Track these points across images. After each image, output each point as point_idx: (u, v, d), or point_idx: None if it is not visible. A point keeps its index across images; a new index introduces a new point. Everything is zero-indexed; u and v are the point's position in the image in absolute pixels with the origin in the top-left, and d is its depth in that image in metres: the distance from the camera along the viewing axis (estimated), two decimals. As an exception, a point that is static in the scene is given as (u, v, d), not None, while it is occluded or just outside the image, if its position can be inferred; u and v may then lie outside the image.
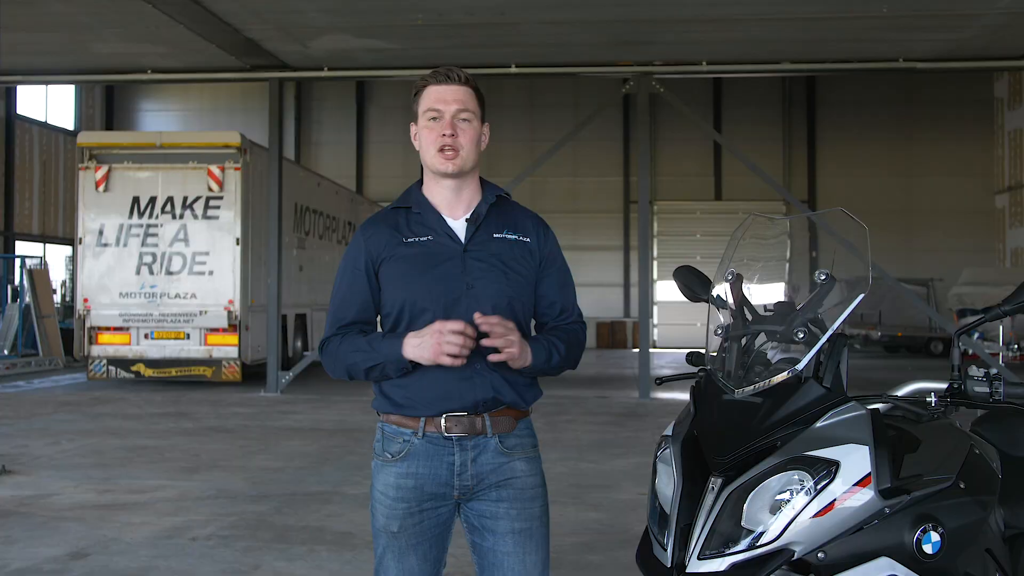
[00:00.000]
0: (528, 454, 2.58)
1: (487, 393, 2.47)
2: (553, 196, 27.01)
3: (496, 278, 2.50)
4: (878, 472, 2.01)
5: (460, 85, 2.53)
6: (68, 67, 14.73)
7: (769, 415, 2.13)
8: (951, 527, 2.04)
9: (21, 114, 24.01)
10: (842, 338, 2.22)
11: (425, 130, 2.52)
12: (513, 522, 2.52)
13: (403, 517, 2.50)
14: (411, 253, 2.50)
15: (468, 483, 2.51)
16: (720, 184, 26.97)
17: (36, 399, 13.40)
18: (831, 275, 2.22)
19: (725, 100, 26.76)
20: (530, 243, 2.59)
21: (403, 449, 2.52)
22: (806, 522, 1.99)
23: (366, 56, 13.56)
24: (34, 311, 18.45)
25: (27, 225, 24.24)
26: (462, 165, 2.52)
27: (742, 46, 13.34)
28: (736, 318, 2.32)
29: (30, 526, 6.16)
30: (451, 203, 2.57)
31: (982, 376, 2.25)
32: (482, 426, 2.49)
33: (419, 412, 2.49)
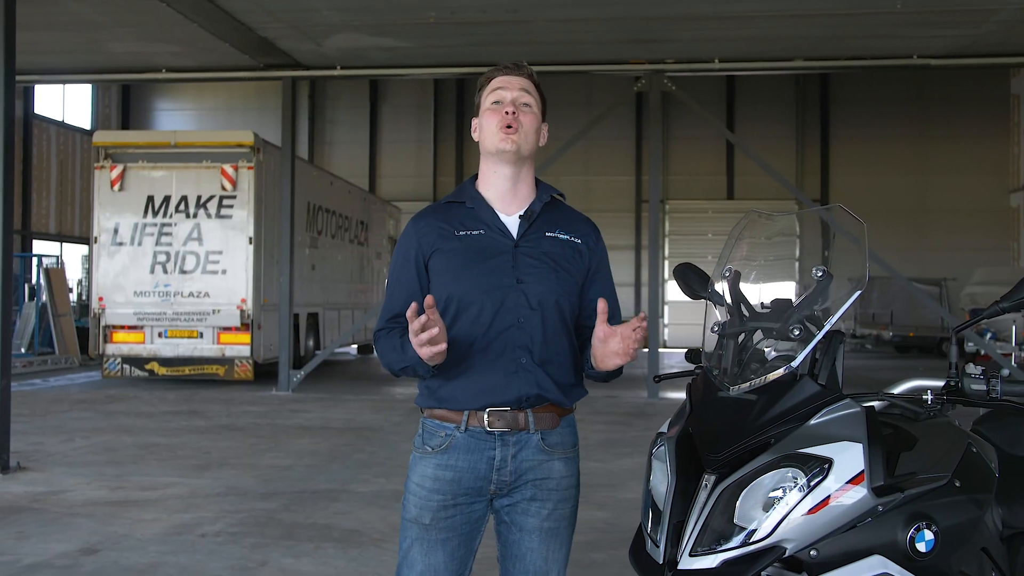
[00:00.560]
0: (567, 454, 2.57)
1: (531, 389, 2.47)
2: (566, 194, 26.94)
3: (546, 275, 2.49)
4: (871, 470, 2.00)
5: (525, 77, 2.58)
6: (84, 66, 14.82)
7: (763, 412, 2.13)
8: (945, 525, 2.03)
9: (39, 114, 24.18)
10: (838, 335, 2.21)
11: (488, 112, 2.54)
12: (543, 521, 2.53)
13: (436, 509, 2.50)
14: (462, 246, 2.50)
15: (506, 478, 2.50)
16: (732, 183, 26.89)
17: (51, 397, 13.50)
18: (828, 271, 2.21)
19: (738, 98, 26.68)
20: (581, 245, 2.59)
21: (444, 442, 2.51)
22: (798, 519, 1.99)
23: (379, 55, 13.58)
24: (50, 310, 18.59)
25: (44, 224, 24.42)
26: (520, 143, 2.50)
27: (755, 43, 13.29)
28: (733, 315, 2.31)
29: (43, 522, 6.21)
30: (505, 198, 2.56)
31: (979, 374, 2.24)
32: (525, 422, 2.48)
33: (462, 406, 2.49)
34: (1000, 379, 2.24)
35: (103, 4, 11.31)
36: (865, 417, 2.08)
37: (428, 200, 27.69)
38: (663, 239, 27.17)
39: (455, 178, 27.71)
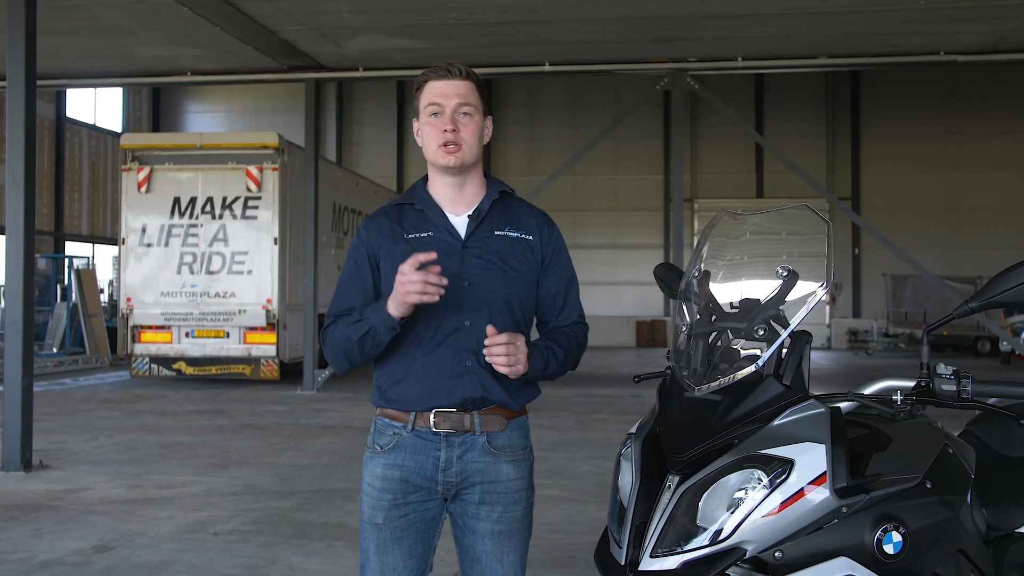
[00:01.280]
0: (516, 456, 2.57)
1: (475, 391, 2.47)
2: (593, 194, 26.97)
3: (494, 276, 2.49)
4: (834, 471, 1.98)
5: (461, 79, 2.51)
6: (111, 70, 15.00)
7: (727, 413, 2.11)
8: (914, 527, 2.00)
9: (71, 117, 24.54)
10: (804, 335, 2.18)
11: (427, 126, 2.52)
12: (494, 524, 2.53)
13: (388, 509, 2.51)
14: (410, 249, 2.49)
15: (452, 479, 2.51)
16: (762, 181, 26.70)
17: (80, 396, 13.68)
18: (793, 270, 2.19)
19: (767, 95, 26.49)
20: (532, 241, 2.57)
21: (392, 441, 2.53)
22: (758, 521, 1.97)
23: (401, 56, 13.63)
24: (81, 310, 18.86)
25: (76, 226, 24.77)
26: (464, 159, 2.50)
27: (778, 41, 13.19)
28: (702, 315, 2.29)
29: (60, 519, 6.29)
30: (454, 199, 2.56)
31: (950, 374, 2.21)
32: (470, 423, 2.49)
33: (409, 407, 2.50)
34: (971, 380, 2.20)
35: (128, 9, 11.44)
36: (829, 418, 2.06)
37: (456, 200, 27.70)
38: (692, 238, 27.06)
39: (482, 178, 27.71)
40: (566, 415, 11.42)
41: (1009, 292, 2.15)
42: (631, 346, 26.53)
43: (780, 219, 2.37)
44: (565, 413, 11.59)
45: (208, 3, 10.95)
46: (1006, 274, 2.18)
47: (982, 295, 2.20)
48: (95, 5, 11.34)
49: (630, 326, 26.82)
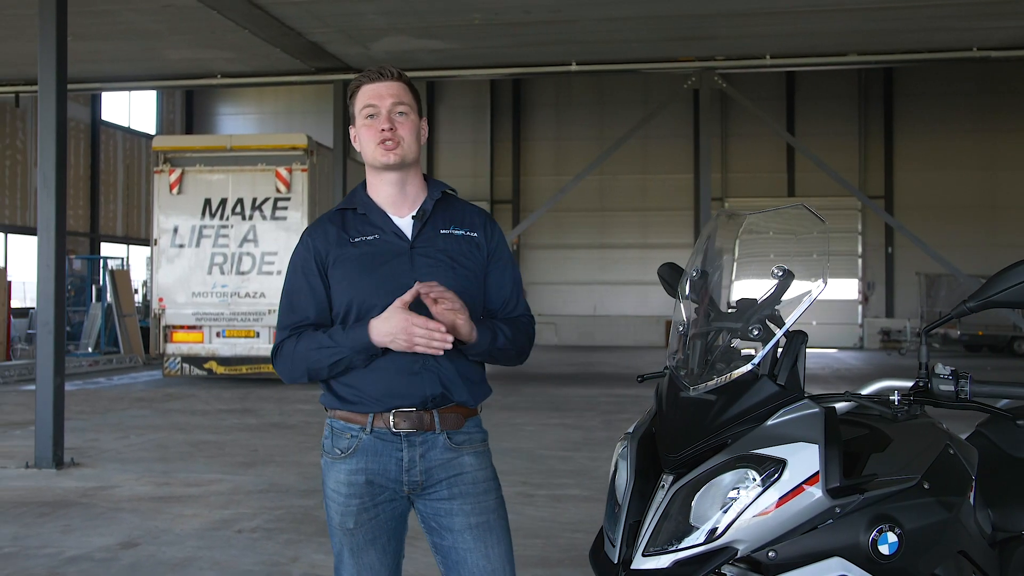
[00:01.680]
0: (477, 448, 2.57)
1: (435, 389, 2.48)
2: (622, 193, 26.91)
3: (444, 273, 2.48)
4: (827, 471, 1.97)
5: (393, 80, 2.52)
6: (143, 73, 15.23)
7: (721, 412, 2.11)
8: (910, 528, 1.99)
9: (106, 120, 24.88)
10: (799, 335, 2.18)
11: (364, 128, 2.52)
12: (468, 517, 2.51)
13: (357, 513, 2.51)
14: (358, 253, 2.51)
15: (417, 479, 2.50)
16: (793, 180, 26.49)
17: (113, 395, 13.87)
18: (788, 270, 2.19)
19: (799, 94, 26.28)
20: (477, 237, 2.59)
21: (351, 445, 2.51)
22: (750, 520, 1.97)
23: (427, 57, 13.70)
24: (115, 310, 19.12)
25: (111, 227, 25.12)
26: (403, 155, 2.50)
27: (806, 38, 13.11)
28: (700, 315, 2.30)
29: (89, 516, 6.40)
30: (396, 201, 2.56)
31: (948, 375, 2.19)
32: (430, 422, 2.49)
33: (367, 408, 2.48)
34: (969, 380, 2.19)
35: (158, 13, 11.60)
36: (823, 418, 2.05)
37: (486, 200, 27.80)
38: (722, 237, 26.91)
39: (512, 177, 27.80)
40: (592, 415, 11.43)
41: (1007, 291, 2.14)
42: (660, 346, 26.41)
43: (777, 219, 2.37)
44: (591, 413, 11.59)
45: (236, 6, 11.07)
46: (1005, 273, 2.16)
47: (980, 294, 2.19)
48: (126, 10, 11.51)
49: (659, 326, 26.72)
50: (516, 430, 10.13)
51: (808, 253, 2.24)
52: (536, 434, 9.98)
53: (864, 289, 25.99)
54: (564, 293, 27.08)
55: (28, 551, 5.55)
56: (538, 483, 7.38)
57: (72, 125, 23.55)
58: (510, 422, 10.65)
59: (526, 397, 13.22)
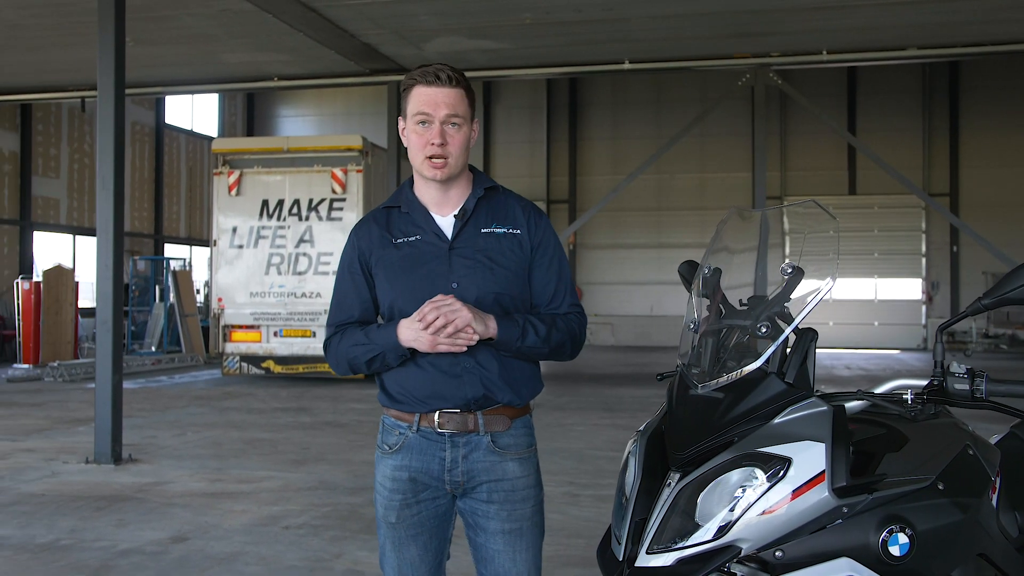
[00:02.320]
0: (521, 455, 2.57)
1: (477, 391, 2.48)
2: (680, 192, 26.69)
3: (482, 274, 2.47)
4: (833, 470, 1.94)
5: (451, 87, 2.45)
6: (202, 77, 15.52)
7: (729, 410, 2.08)
8: (923, 529, 1.94)
9: (169, 123, 25.42)
10: (809, 332, 2.14)
11: (414, 134, 2.48)
12: (503, 523, 2.53)
13: (400, 508, 2.55)
14: (399, 254, 2.52)
15: (459, 479, 2.52)
16: (855, 177, 25.99)
17: (173, 393, 14.16)
18: (798, 267, 2.15)
19: (860, 89, 25.79)
20: (520, 234, 2.55)
21: (399, 442, 2.55)
22: (754, 519, 1.94)
23: (480, 57, 13.74)
24: (178, 310, 19.53)
25: (175, 228, 25.65)
26: (450, 173, 2.48)
27: (864, 32, 12.87)
28: (712, 313, 2.27)
29: (143, 511, 6.54)
30: (440, 201, 2.55)
31: (963, 373, 2.14)
32: (474, 424, 2.49)
33: (414, 408, 2.52)
34: (985, 379, 2.13)
35: (215, 17, 11.82)
36: (831, 416, 2.01)
37: (542, 200, 27.79)
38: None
39: (568, 177, 27.75)
40: (644, 415, 11.28)
41: (1021, 289, 2.09)
42: (719, 346, 26.15)
43: (788, 215, 2.33)
44: (644, 414, 11.51)
45: (290, 9, 11.22)
46: (1017, 272, 2.12)
47: (995, 291, 2.14)
48: (185, 15, 11.75)
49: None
50: (566, 430, 10.11)
51: (818, 250, 2.20)
52: (586, 434, 9.95)
53: (928, 289, 25.40)
54: (621, 293, 26.94)
55: (83, 543, 5.70)
56: (585, 483, 7.36)
57: (137, 129, 24.11)
58: (560, 422, 10.64)
59: (579, 397, 13.19)
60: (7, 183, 20.70)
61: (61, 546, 5.65)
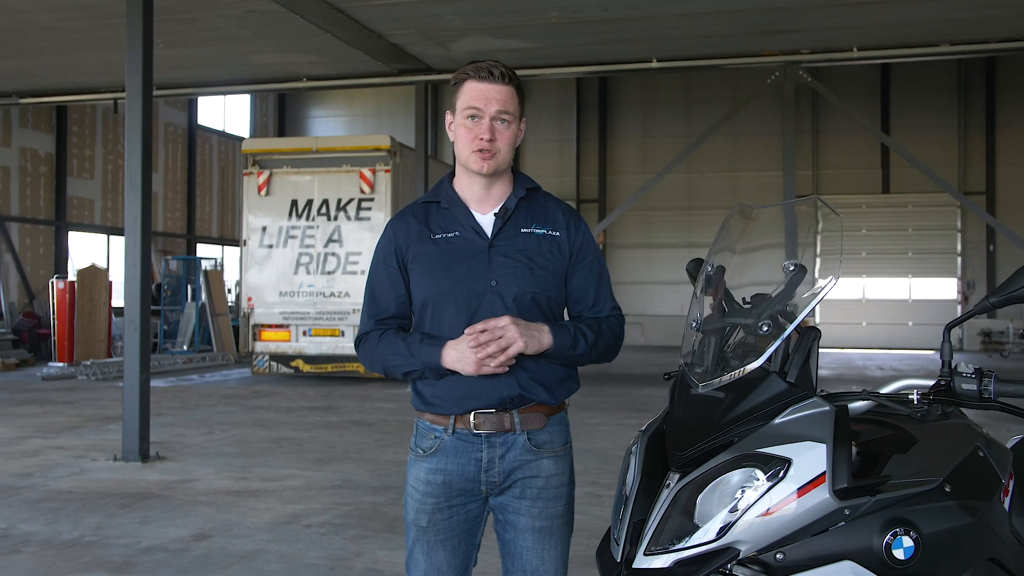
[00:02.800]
0: (557, 452, 2.57)
1: (513, 391, 2.46)
2: (711, 192, 26.53)
3: (521, 274, 2.47)
4: (834, 472, 1.90)
5: (503, 84, 2.46)
6: (232, 78, 15.65)
7: (729, 410, 2.06)
8: (928, 532, 1.90)
9: (201, 124, 25.66)
10: (812, 331, 2.11)
11: (463, 128, 2.47)
12: (535, 520, 2.53)
13: (432, 512, 2.53)
14: (438, 250, 2.50)
15: (495, 479, 2.51)
16: (888, 176, 25.68)
17: (203, 392, 14.29)
18: (801, 265, 2.11)
19: (894, 86, 25.48)
20: (559, 236, 2.54)
21: (434, 445, 2.53)
22: (753, 521, 1.91)
23: (507, 56, 13.72)
24: (209, 309, 19.71)
25: (207, 228, 25.90)
26: (497, 167, 2.48)
27: (896, 28, 12.70)
28: (715, 311, 2.24)
29: (167, 508, 6.60)
30: (481, 198, 2.54)
31: (971, 373, 2.09)
32: (511, 423, 2.48)
33: (448, 410, 2.50)
34: (994, 379, 2.09)
35: (242, 19, 11.90)
36: (833, 417, 1.98)
37: (572, 200, 27.74)
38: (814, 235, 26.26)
39: (598, 177, 27.69)
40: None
41: None
42: (750, 346, 25.97)
43: (791, 212, 2.30)
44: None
45: (317, 10, 11.28)
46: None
47: (1003, 289, 2.10)
48: (213, 16, 11.84)
49: (748, 326, 26.27)
50: (592, 430, 10.08)
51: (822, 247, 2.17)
52: (611, 434, 9.91)
53: (963, 288, 25.05)
54: (651, 293, 26.81)
55: (107, 540, 5.76)
56: (608, 483, 7.33)
57: (170, 130, 24.37)
58: (586, 422, 10.61)
59: (607, 397, 13.15)
60: (43, 184, 21.00)
61: (86, 543, 5.71)
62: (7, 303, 19.92)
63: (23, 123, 20.45)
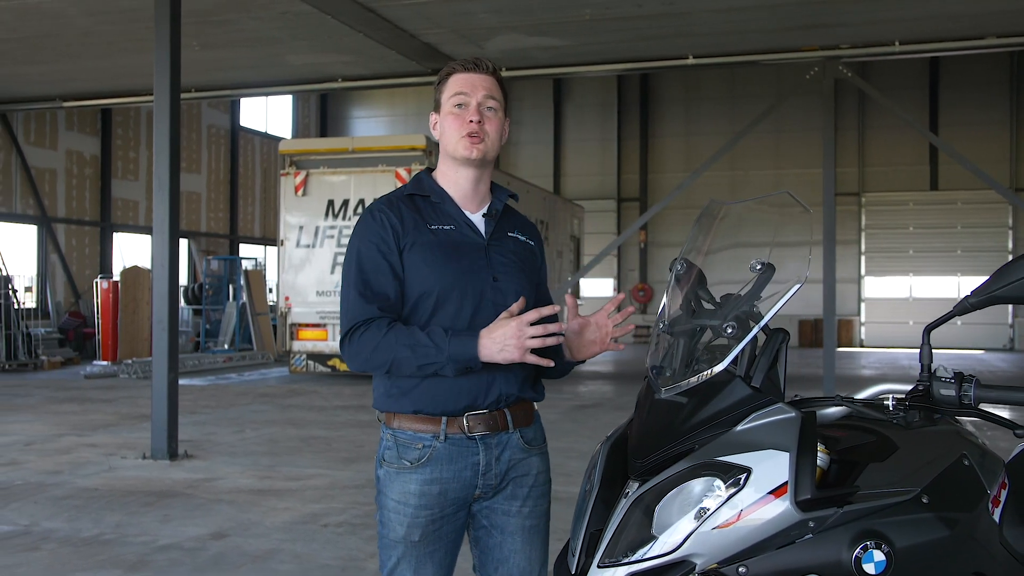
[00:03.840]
0: (542, 449, 2.57)
1: (512, 388, 2.42)
2: (755, 189, 26.19)
3: (516, 275, 2.48)
4: (797, 481, 1.79)
5: (488, 74, 2.48)
6: (268, 79, 15.74)
7: (691, 416, 1.96)
8: (902, 546, 1.79)
9: (244, 125, 25.93)
10: (779, 333, 2.00)
11: (451, 116, 2.44)
12: (525, 519, 2.50)
13: (425, 525, 2.41)
14: (437, 240, 2.42)
15: (492, 482, 2.44)
16: (936, 173, 25.16)
17: (240, 390, 14.40)
18: (769, 264, 2.01)
19: (943, 81, 24.95)
20: (534, 247, 2.61)
21: (423, 455, 2.39)
22: (709, 533, 1.81)
23: (542, 54, 13.64)
24: (249, 309, 19.89)
25: (250, 228, 26.16)
26: (486, 151, 2.44)
27: (939, 22, 12.39)
28: (684, 311, 2.14)
29: (189, 507, 6.62)
30: (467, 196, 2.50)
31: (950, 378, 1.97)
32: (504, 421, 2.43)
33: (443, 410, 2.38)
34: (974, 384, 1.97)
35: (276, 20, 11.96)
36: (799, 424, 1.87)
37: (612, 199, 27.57)
38: (859, 234, 25.84)
39: (639, 175, 27.49)
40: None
41: (1009, 287, 1.95)
42: (794, 346, 25.62)
43: (761, 208, 2.19)
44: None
45: (349, 10, 11.28)
46: (1007, 268, 1.97)
47: (983, 290, 1.99)
48: (247, 18, 11.92)
49: (792, 325, 25.90)
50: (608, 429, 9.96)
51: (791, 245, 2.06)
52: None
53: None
54: (693, 292, 26.54)
55: (125, 538, 5.78)
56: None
57: (213, 131, 24.65)
58: (617, 422, 10.48)
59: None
60: (88, 186, 21.36)
61: (104, 540, 5.74)
62: (54, 303, 20.29)
63: (69, 126, 20.81)
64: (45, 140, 20.36)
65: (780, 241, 2.05)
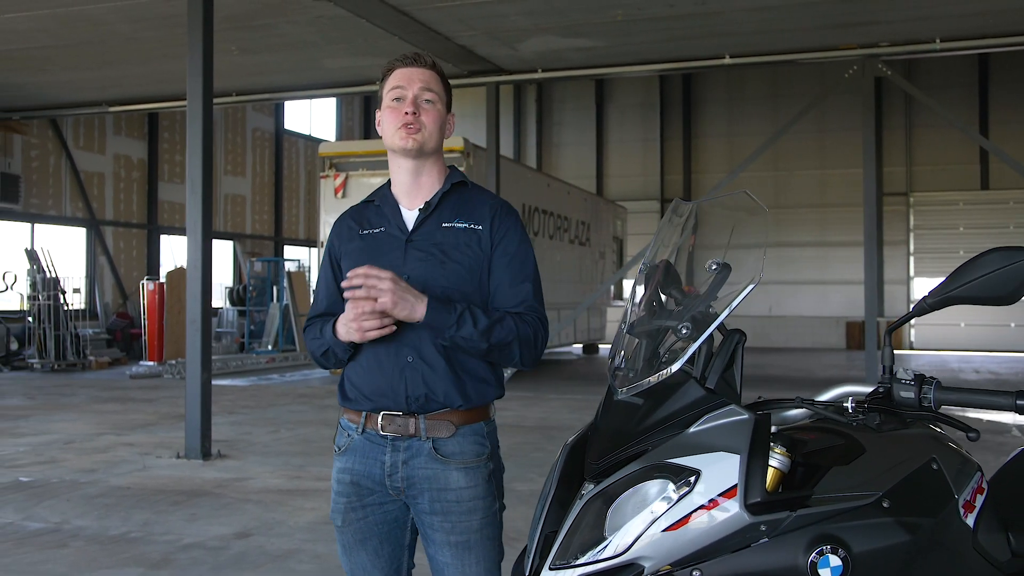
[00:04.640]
0: (468, 464, 2.46)
1: (418, 388, 2.40)
2: (799, 190, 25.92)
3: (431, 268, 2.43)
4: (748, 484, 1.78)
5: (426, 68, 2.53)
6: (307, 83, 15.91)
7: (646, 417, 1.95)
8: (859, 551, 1.75)
9: (288, 129, 26.23)
10: (736, 334, 1.98)
11: (388, 109, 2.51)
12: (448, 535, 2.44)
13: (345, 511, 2.52)
14: (363, 245, 2.53)
15: (399, 485, 2.45)
16: (987, 172, 24.66)
17: (279, 391, 14.57)
18: (725, 264, 1.99)
19: (992, 78, 24.45)
20: (481, 231, 2.49)
21: (346, 443, 2.54)
22: (657, 535, 1.79)
23: (576, 55, 13.62)
24: (292, 310, 20.11)
25: (294, 230, 26.46)
26: (422, 142, 2.47)
27: (980, 19, 12.15)
28: (647, 312, 2.13)
29: (216, 506, 6.72)
30: (410, 191, 2.55)
31: (911, 380, 1.94)
32: (416, 428, 2.43)
33: (361, 407, 2.49)
34: (934, 387, 1.93)
35: (312, 24, 12.08)
36: (752, 426, 1.85)
37: (655, 199, 27.44)
38: (907, 234, 25.42)
39: (683, 176, 27.32)
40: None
41: (965, 287, 1.91)
42: (840, 348, 25.27)
43: (721, 207, 2.18)
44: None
45: (383, 14, 11.37)
46: (963, 269, 1.93)
47: (940, 290, 1.95)
48: (283, 23, 12.06)
49: (839, 327, 25.57)
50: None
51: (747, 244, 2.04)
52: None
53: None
54: (731, 293, 26.31)
55: (151, 537, 5.89)
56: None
57: (257, 135, 24.98)
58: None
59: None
60: (136, 189, 21.77)
61: (130, 538, 5.85)
62: (102, 304, 20.71)
63: (117, 131, 21.23)
64: (94, 144, 20.79)
65: (737, 241, 2.04)
